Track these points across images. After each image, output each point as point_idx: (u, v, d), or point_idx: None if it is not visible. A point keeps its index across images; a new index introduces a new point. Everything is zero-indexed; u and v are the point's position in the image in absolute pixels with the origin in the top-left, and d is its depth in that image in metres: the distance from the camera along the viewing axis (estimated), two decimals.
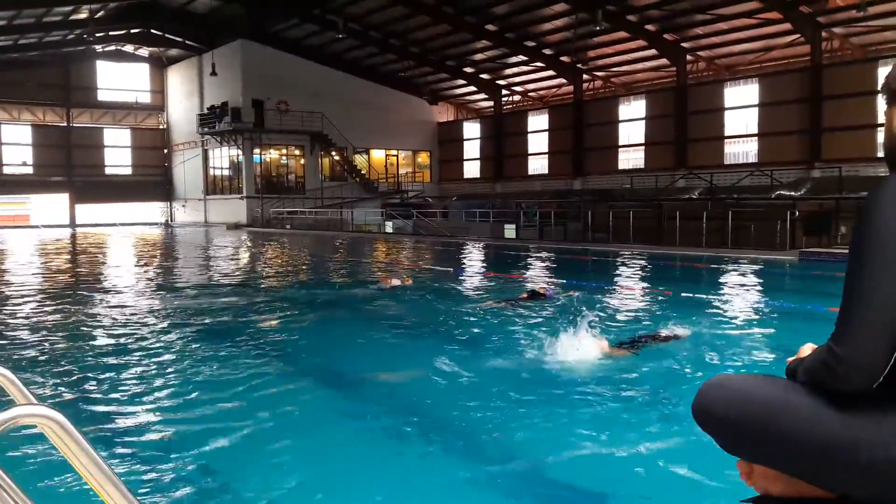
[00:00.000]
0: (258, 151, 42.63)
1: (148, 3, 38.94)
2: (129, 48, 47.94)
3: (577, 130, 39.43)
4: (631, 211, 24.11)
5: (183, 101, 48.47)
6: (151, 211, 50.74)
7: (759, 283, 14.02)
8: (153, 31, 44.23)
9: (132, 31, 43.83)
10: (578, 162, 39.47)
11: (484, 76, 43.99)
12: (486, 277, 15.02)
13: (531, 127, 43.36)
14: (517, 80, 43.40)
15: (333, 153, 44.88)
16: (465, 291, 12.46)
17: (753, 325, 8.77)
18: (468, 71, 43.62)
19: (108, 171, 49.57)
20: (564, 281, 13.32)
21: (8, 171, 46.15)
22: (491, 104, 46.08)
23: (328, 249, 25.26)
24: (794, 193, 25.11)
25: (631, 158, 37.79)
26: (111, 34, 43.49)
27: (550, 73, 40.07)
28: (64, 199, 47.53)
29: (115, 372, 6.50)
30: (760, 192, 26.60)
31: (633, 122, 37.46)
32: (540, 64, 39.17)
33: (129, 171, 50.44)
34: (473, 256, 21.56)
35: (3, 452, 3.91)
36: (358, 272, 17.21)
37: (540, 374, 6.25)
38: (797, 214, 20.64)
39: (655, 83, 37.98)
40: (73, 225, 46.40)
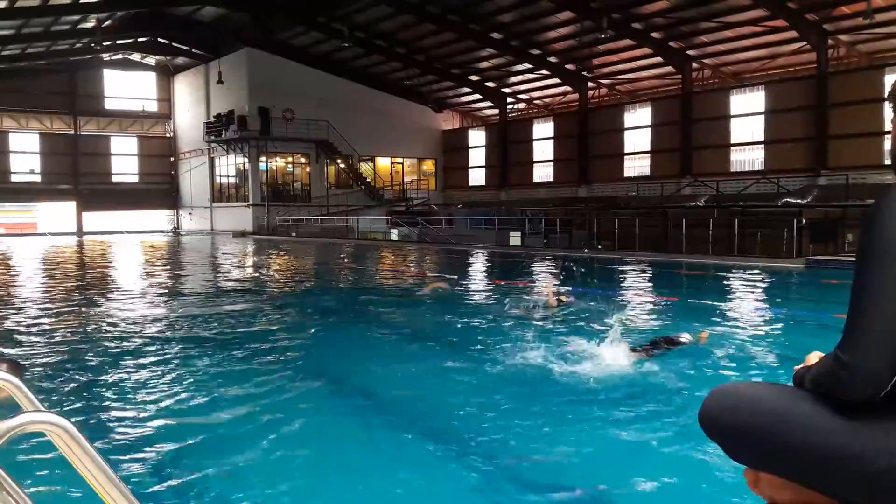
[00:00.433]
0: (264, 159, 42.74)
1: (155, 11, 39.12)
2: (136, 57, 48.18)
3: (582, 138, 39.44)
4: (637, 218, 24.08)
5: (190, 109, 48.67)
6: (158, 219, 50.86)
7: (765, 291, 13.98)
8: (160, 39, 44.45)
9: (139, 39, 44.06)
10: (584, 169, 39.46)
11: (489, 84, 44.08)
12: (508, 287, 14.97)
13: (536, 135, 43.38)
14: (522, 87, 43.46)
15: (339, 161, 44.97)
16: (484, 298, 12.46)
17: (760, 332, 8.75)
18: (473, 79, 43.72)
19: (114, 178, 49.75)
20: (571, 288, 13.29)
21: (15, 178, 46.32)
22: (496, 112, 46.13)
23: (335, 257, 25.26)
24: (800, 201, 25.05)
25: (636, 166, 37.77)
26: (118, 43, 43.69)
27: (556, 80, 40.10)
28: (71, 206, 47.67)
29: (122, 379, 6.51)
30: (767, 199, 26.55)
31: (638, 129, 37.45)
32: (545, 72, 39.21)
33: (135, 179, 50.63)
34: (480, 264, 21.55)
35: (9, 459, 3.92)
36: (374, 280, 17.21)
37: (559, 377, 6.39)
38: (804, 222, 20.58)
39: (661, 91, 38.00)
40: (79, 233, 46.50)
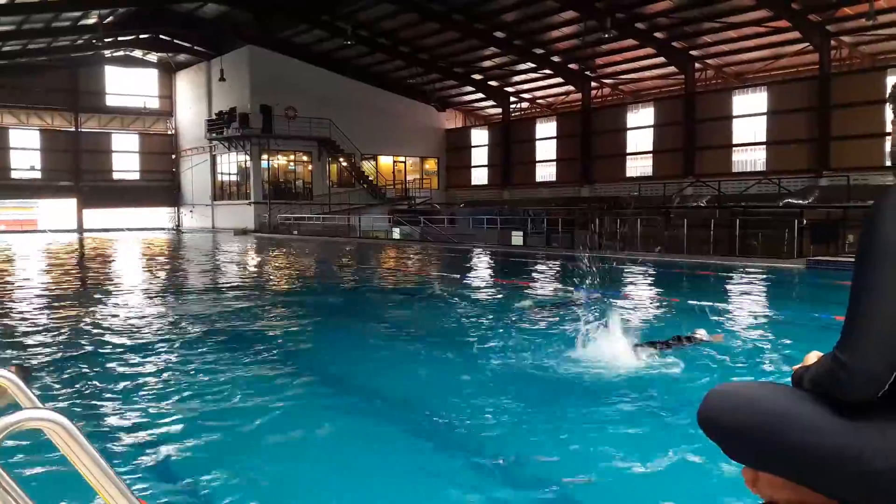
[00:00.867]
0: (266, 157, 42.77)
1: (157, 8, 39.12)
2: (137, 53, 48.20)
3: (585, 138, 39.43)
4: (639, 219, 24.07)
5: (191, 106, 48.71)
6: (159, 216, 50.91)
7: (765, 291, 13.99)
8: (162, 36, 44.41)
9: (141, 36, 44.01)
10: (586, 169, 39.45)
11: (492, 83, 44.08)
12: (519, 287, 14.99)
13: (539, 134, 43.39)
14: (525, 87, 43.46)
15: (341, 159, 44.99)
16: (500, 296, 12.47)
17: (758, 333, 8.77)
18: (476, 78, 43.72)
19: (115, 176, 49.80)
20: (574, 288, 13.31)
21: (16, 175, 46.37)
22: (499, 111, 46.13)
23: (336, 256, 25.27)
24: (801, 202, 25.05)
25: (639, 166, 37.77)
26: (120, 39, 43.67)
27: (559, 80, 40.11)
28: (72, 203, 47.73)
29: (120, 378, 6.52)
30: (768, 200, 26.56)
31: (641, 129, 37.44)
32: (548, 71, 39.21)
33: (136, 176, 50.67)
34: (484, 263, 21.55)
35: (6, 456, 3.93)
36: (378, 278, 17.24)
37: (569, 375, 6.46)
38: (805, 223, 20.58)
39: (664, 91, 37.98)
40: (80, 230, 46.52)
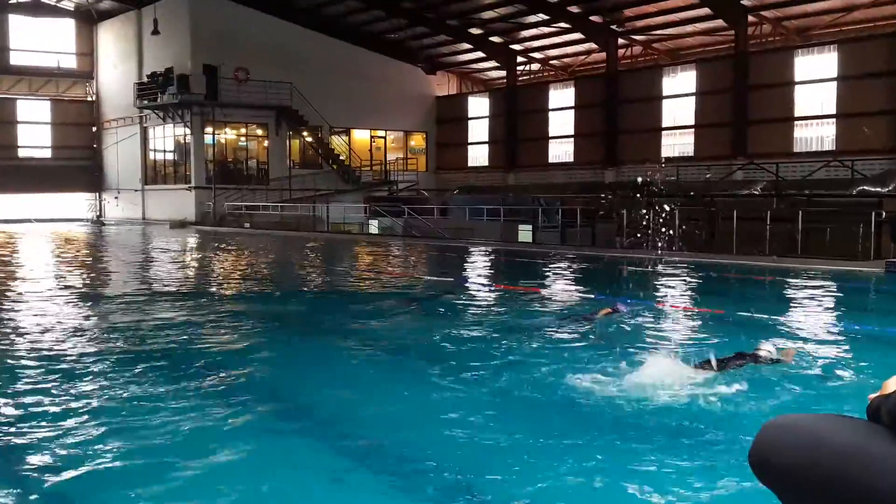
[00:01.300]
0: (211, 130, 42.68)
1: None
2: None
3: (609, 108, 39.52)
4: (676, 210, 24.11)
5: (117, 66, 48.50)
6: (76, 204, 50.61)
7: (835, 300, 14.04)
8: None
9: None
10: (611, 148, 39.55)
11: (494, 39, 44.07)
12: (531, 294, 15.00)
13: (553, 103, 43.46)
14: (536, 44, 43.50)
15: (305, 134, 44.96)
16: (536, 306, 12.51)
17: (827, 352, 8.79)
18: (475, 32, 43.70)
19: (21, 153, 49.66)
20: (598, 296, 13.34)
21: None
22: (503, 74, 46.16)
23: (298, 255, 25.22)
24: (880, 189, 25.09)
25: (677, 144, 37.90)
26: None
27: (577, 35, 40.14)
28: None
29: (22, 403, 6.50)
30: (838, 187, 26.59)
31: (679, 98, 37.55)
32: (564, 24, 39.21)
33: (48, 153, 50.57)
34: (484, 263, 21.55)
35: None
36: (349, 289, 17.22)
37: (614, 398, 6.62)
38: (884, 216, 20.63)
39: (708, 50, 38.09)
40: None
